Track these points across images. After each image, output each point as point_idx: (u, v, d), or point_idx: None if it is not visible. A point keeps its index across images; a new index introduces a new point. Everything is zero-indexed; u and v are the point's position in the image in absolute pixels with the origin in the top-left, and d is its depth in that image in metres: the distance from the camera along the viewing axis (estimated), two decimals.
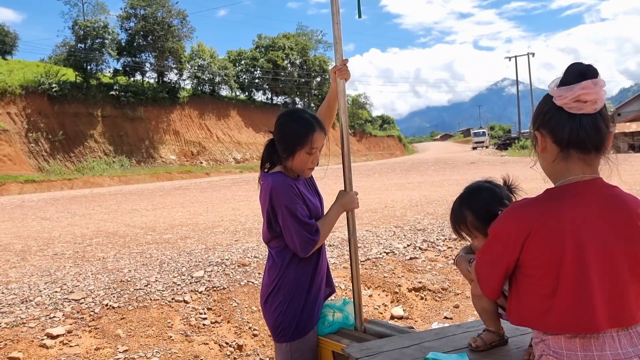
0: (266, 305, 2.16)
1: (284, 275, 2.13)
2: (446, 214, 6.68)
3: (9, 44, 35.93)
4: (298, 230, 2.04)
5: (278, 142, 2.13)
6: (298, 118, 2.15)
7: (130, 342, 3.83)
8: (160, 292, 4.59)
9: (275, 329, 2.12)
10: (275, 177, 2.09)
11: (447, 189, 11.46)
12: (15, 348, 3.68)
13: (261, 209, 2.15)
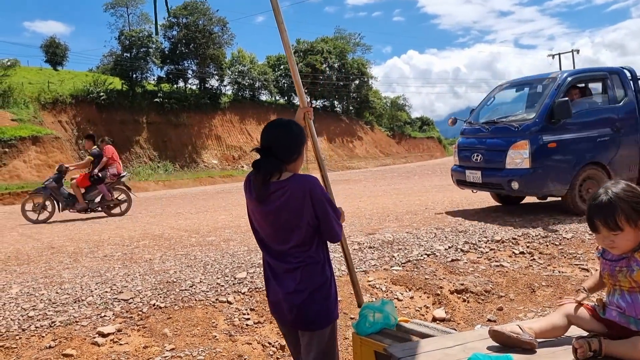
0: (316, 297, 2.24)
1: (329, 267, 2.33)
2: (486, 215, 6.53)
3: (59, 55, 37.49)
4: (337, 220, 2.29)
5: (286, 147, 2.28)
6: (290, 121, 2.39)
7: (177, 341, 3.94)
8: (205, 292, 4.69)
9: (324, 317, 2.26)
10: (305, 177, 2.27)
11: None
12: (69, 345, 3.84)
13: (291, 213, 2.22)
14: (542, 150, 7.05)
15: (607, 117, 7.49)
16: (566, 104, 6.96)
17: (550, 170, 7.09)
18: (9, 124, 24.15)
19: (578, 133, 7.25)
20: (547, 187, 7.13)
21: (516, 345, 1.70)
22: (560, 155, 7.15)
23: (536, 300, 4.90)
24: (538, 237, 6.43)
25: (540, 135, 7.09)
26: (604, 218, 1.66)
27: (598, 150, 7.35)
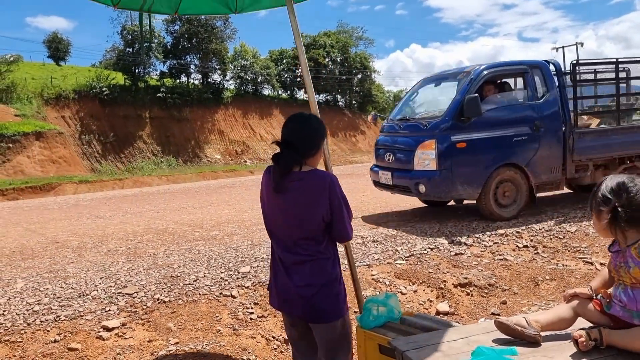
0: (326, 292, 2.28)
1: (338, 264, 2.36)
2: None
3: (62, 50, 37.50)
4: (349, 219, 2.34)
5: (306, 141, 2.32)
6: (311, 116, 2.42)
7: (181, 334, 3.96)
8: (209, 287, 4.71)
9: (333, 312, 2.30)
10: (325, 173, 2.33)
11: None
12: (74, 339, 3.86)
13: (308, 205, 2.26)
14: (450, 151, 6.54)
15: (525, 114, 6.95)
16: (475, 100, 6.46)
17: (460, 172, 6.58)
18: (12, 120, 24.22)
19: (491, 132, 6.72)
20: (456, 190, 6.62)
21: (520, 338, 1.70)
22: (471, 156, 6.63)
23: (540, 293, 4.90)
24: (542, 231, 6.42)
25: (448, 135, 6.56)
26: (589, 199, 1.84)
27: (514, 150, 6.82)
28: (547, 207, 7.77)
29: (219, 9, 3.40)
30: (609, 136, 7.58)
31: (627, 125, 7.80)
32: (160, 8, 3.02)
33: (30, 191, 19.44)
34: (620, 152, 7.64)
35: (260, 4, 3.64)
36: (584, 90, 8.00)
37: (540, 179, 7.03)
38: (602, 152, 7.48)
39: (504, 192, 6.87)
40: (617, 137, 7.55)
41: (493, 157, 6.71)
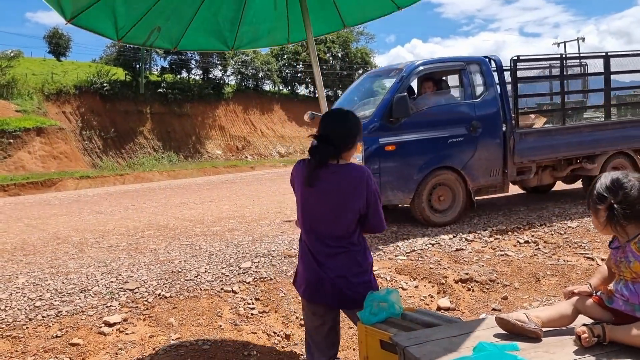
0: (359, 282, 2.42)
1: (370, 252, 2.51)
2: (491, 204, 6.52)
3: (63, 46, 37.43)
4: (382, 211, 2.48)
5: (344, 136, 2.41)
6: (349, 112, 2.53)
7: (182, 330, 3.96)
8: (210, 282, 4.71)
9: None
10: (361, 167, 2.47)
11: None
12: (75, 335, 3.87)
13: (344, 198, 2.37)
14: (378, 154, 6.09)
15: (461, 114, 6.52)
16: (404, 100, 6.06)
17: (389, 176, 6.14)
18: (13, 115, 24.21)
19: (424, 133, 6.30)
20: (386, 196, 6.17)
21: (521, 334, 1.70)
22: (402, 159, 6.19)
23: (541, 289, 4.90)
24: (543, 226, 6.42)
25: (376, 137, 6.11)
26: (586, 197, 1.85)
27: (449, 153, 6.40)
28: (547, 202, 7.76)
29: (217, 45, 3.55)
30: (554, 136, 7.19)
31: (573, 124, 7.43)
32: (162, 43, 3.19)
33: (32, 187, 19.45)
34: (566, 153, 7.26)
35: (256, 43, 3.80)
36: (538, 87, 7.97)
37: (478, 182, 6.66)
38: (545, 153, 7.10)
39: (439, 197, 6.49)
40: (562, 138, 7.18)
41: (426, 160, 6.29)
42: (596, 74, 7.95)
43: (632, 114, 8.05)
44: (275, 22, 3.62)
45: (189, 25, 3.15)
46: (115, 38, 2.84)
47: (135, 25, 2.86)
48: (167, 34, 3.12)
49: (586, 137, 7.30)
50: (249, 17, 3.38)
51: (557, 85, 7.83)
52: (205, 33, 3.36)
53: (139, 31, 2.92)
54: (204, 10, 3.11)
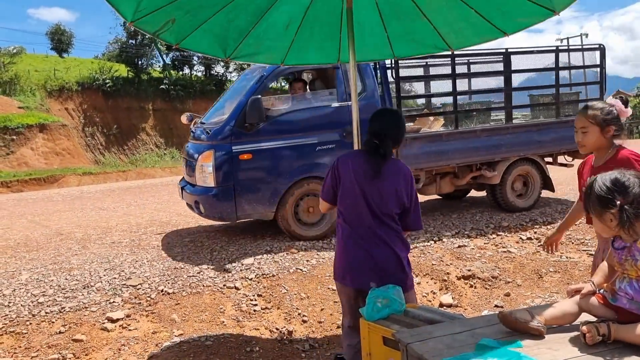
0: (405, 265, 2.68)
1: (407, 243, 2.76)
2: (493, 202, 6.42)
3: (65, 42, 37.38)
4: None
5: (398, 133, 2.71)
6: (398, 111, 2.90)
7: (185, 326, 3.98)
8: (212, 278, 4.72)
9: (410, 281, 2.72)
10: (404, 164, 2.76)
11: None
12: (78, 331, 3.89)
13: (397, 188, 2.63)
14: (231, 164, 5.48)
15: (333, 118, 5.79)
16: (257, 103, 5.45)
17: (246, 189, 5.53)
18: (16, 112, 24.24)
19: (288, 140, 5.66)
20: (243, 210, 5.56)
21: (524, 331, 1.69)
22: (261, 170, 5.59)
23: (543, 285, 4.89)
24: (545, 223, 6.42)
25: (229, 144, 5.49)
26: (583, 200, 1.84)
27: (318, 161, 5.70)
28: (550, 199, 7.75)
29: (216, 51, 3.55)
30: (445, 142, 6.44)
31: (467, 128, 6.75)
32: (167, 37, 3.17)
33: (34, 183, 19.50)
34: (460, 160, 6.57)
35: (253, 57, 3.85)
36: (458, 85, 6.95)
37: None
38: (435, 160, 6.41)
39: (309, 209, 5.82)
40: (455, 143, 6.46)
41: (290, 170, 5.64)
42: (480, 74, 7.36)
43: (545, 116, 7.38)
44: (279, 42, 3.65)
45: (201, 25, 3.13)
46: (129, 19, 2.72)
47: (156, 10, 2.77)
48: (177, 28, 3.07)
49: (484, 142, 6.61)
50: (258, 31, 3.40)
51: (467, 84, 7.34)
52: (211, 36, 3.34)
53: (155, 18, 2.84)
54: (222, 14, 3.10)
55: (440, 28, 3.47)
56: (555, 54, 7.12)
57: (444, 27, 3.48)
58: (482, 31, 3.41)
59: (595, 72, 7.30)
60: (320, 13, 3.39)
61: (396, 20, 3.49)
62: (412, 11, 3.33)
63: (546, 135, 6.97)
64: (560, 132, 6.95)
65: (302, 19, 3.42)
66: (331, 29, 3.60)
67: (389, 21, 3.50)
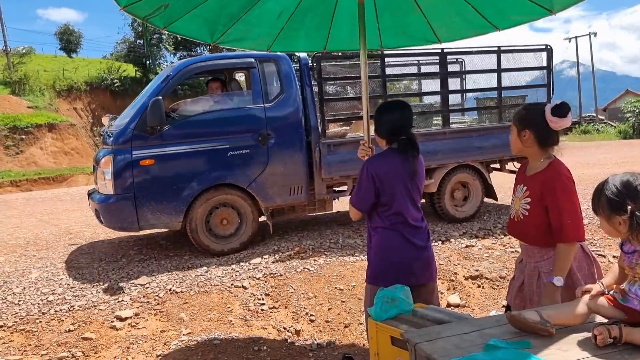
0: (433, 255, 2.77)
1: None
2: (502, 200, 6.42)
3: (73, 42, 37.61)
4: None
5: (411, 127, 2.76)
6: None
7: (193, 325, 3.99)
8: (220, 277, 4.74)
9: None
10: None
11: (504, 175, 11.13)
12: (88, 329, 3.92)
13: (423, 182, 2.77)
14: (131, 170, 5.09)
15: (246, 122, 5.44)
16: (158, 105, 5.06)
17: (148, 196, 5.14)
18: (25, 111, 24.41)
19: (195, 145, 5.27)
20: (146, 219, 5.18)
21: (533, 332, 1.69)
22: (164, 177, 5.19)
23: None
24: None
25: (129, 149, 5.11)
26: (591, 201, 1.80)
27: (230, 168, 5.36)
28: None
29: (203, 35, 3.52)
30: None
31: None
32: (156, 21, 3.11)
33: (43, 182, 19.61)
34: None
35: (240, 43, 3.81)
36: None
37: (273, 202, 5.60)
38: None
39: (222, 220, 5.48)
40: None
41: (198, 178, 5.26)
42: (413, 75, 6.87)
43: (491, 120, 6.85)
44: (269, 29, 3.61)
45: (192, 9, 3.08)
46: (122, 4, 2.67)
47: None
48: (167, 13, 3.01)
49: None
50: (250, 17, 3.36)
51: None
52: (200, 21, 3.29)
53: (148, 3, 2.79)
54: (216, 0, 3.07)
55: (433, 21, 3.46)
56: (497, 54, 6.53)
57: (437, 21, 3.47)
58: (474, 25, 3.40)
59: (543, 74, 6.78)
60: (314, 2, 3.37)
61: (389, 12, 3.46)
62: (408, 4, 3.31)
63: (487, 141, 6.43)
64: (504, 138, 6.28)
65: (295, 8, 3.38)
66: (322, 19, 3.57)
67: (382, 13, 3.47)
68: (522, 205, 2.36)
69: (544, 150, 2.33)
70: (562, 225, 2.20)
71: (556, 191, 2.24)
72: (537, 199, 2.29)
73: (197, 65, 5.56)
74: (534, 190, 2.30)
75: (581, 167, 12.11)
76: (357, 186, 2.70)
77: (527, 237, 2.39)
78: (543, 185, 2.27)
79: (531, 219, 2.31)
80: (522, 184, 2.40)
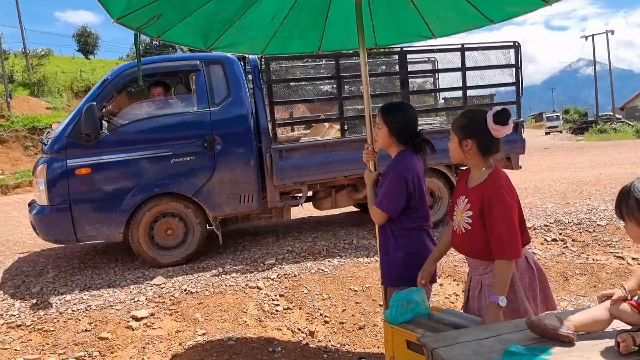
0: None
1: None
2: None
3: (91, 44, 38.08)
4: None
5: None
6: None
7: (208, 325, 4.01)
8: (235, 278, 4.75)
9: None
10: None
11: (518, 175, 11.02)
12: (104, 329, 3.95)
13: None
14: (65, 179, 4.87)
15: (190, 127, 5.20)
16: (91, 111, 4.82)
17: (85, 208, 4.94)
18: (43, 112, 24.76)
19: (133, 152, 5.03)
20: (83, 231, 4.96)
21: (554, 338, 1.65)
22: (102, 186, 4.97)
23: (569, 288, 4.80)
24: (571, 224, 6.28)
25: (64, 157, 4.89)
26: (615, 205, 1.69)
27: (174, 176, 5.10)
28: (575, 199, 7.60)
29: (196, 42, 3.49)
30: (330, 152, 5.60)
31: (355, 137, 5.77)
32: (149, 31, 3.09)
33: None
34: (349, 172, 5.62)
35: (234, 47, 3.80)
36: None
37: (222, 211, 5.34)
38: (319, 172, 5.60)
39: (167, 231, 5.24)
40: (342, 153, 5.58)
41: (138, 187, 5.03)
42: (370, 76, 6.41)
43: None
44: (263, 32, 3.59)
45: (186, 17, 3.06)
46: (115, 16, 2.66)
47: (143, 7, 2.71)
48: (161, 22, 3.00)
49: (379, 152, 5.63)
50: (244, 21, 3.34)
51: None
52: (193, 28, 3.28)
53: (142, 14, 2.77)
54: (210, 6, 3.02)
55: (427, 16, 3.43)
56: (461, 52, 6.17)
57: (431, 15, 3.43)
58: (469, 19, 3.35)
59: (511, 72, 6.46)
60: (307, 3, 3.34)
61: (384, 9, 3.43)
62: (402, 1, 3.29)
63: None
64: None
65: (289, 9, 3.35)
66: (316, 19, 3.54)
67: (377, 11, 3.44)
68: (464, 218, 2.29)
69: (486, 159, 2.26)
70: (499, 242, 2.15)
71: (493, 206, 2.17)
72: (478, 213, 2.23)
73: (135, 69, 5.21)
74: (474, 204, 2.24)
75: (599, 167, 11.94)
76: (386, 190, 2.63)
77: (471, 250, 2.34)
78: (482, 199, 2.21)
79: (473, 232, 2.25)
80: (463, 196, 2.33)
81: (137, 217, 5.09)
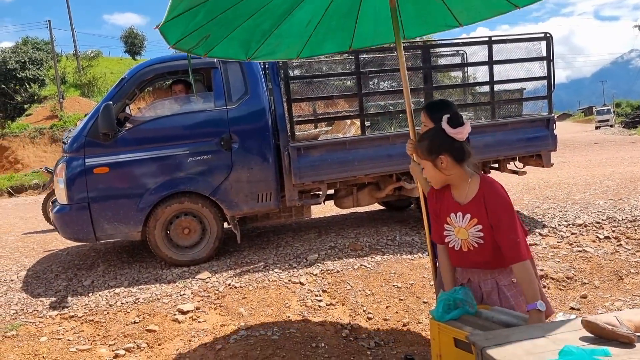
0: None
1: None
2: (567, 198, 6.18)
3: (137, 45, 39.14)
4: None
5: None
6: None
7: (252, 320, 4.05)
8: (278, 273, 4.78)
9: None
10: None
11: (568, 171, 10.64)
12: (152, 321, 4.05)
13: None
14: (84, 178, 4.91)
15: (208, 125, 5.15)
16: (108, 110, 4.84)
17: (104, 206, 4.96)
18: None
19: (151, 151, 5.02)
20: (103, 230, 4.99)
21: (612, 338, 1.58)
22: (120, 185, 5.00)
23: (624, 288, 4.59)
24: (625, 221, 6.00)
25: (82, 156, 4.92)
26: None
27: (191, 174, 5.09)
28: (630, 195, 7.27)
29: (239, 54, 3.55)
30: (350, 150, 5.47)
31: (376, 135, 5.64)
32: (199, 51, 3.17)
33: None
34: (369, 171, 5.55)
35: (271, 56, 3.84)
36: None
37: (240, 210, 5.29)
38: (338, 171, 5.46)
39: (184, 229, 5.23)
40: (362, 151, 5.50)
41: (155, 185, 5.03)
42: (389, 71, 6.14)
43: (484, 117, 6.22)
44: (298, 38, 3.61)
45: (229, 34, 3.15)
46: (171, 43, 2.79)
47: (195, 30, 2.83)
48: (208, 41, 3.11)
49: (398, 150, 5.23)
50: (282, 29, 3.38)
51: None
52: (236, 42, 3.34)
53: (193, 38, 2.90)
54: (251, 21, 3.11)
55: (453, 6, 3.37)
56: (488, 45, 5.93)
57: (457, 5, 3.38)
58: (494, 4, 3.26)
59: (542, 65, 6.16)
60: (339, 6, 3.37)
61: (412, 4, 3.42)
62: None
63: (478, 140, 5.34)
64: (498, 136, 5.89)
65: (323, 14, 3.39)
66: (347, 20, 3.55)
67: (404, 5, 3.43)
68: (472, 234, 2.22)
69: (463, 167, 2.21)
70: (515, 247, 2.11)
71: (500, 212, 2.14)
72: (487, 224, 2.17)
73: (154, 67, 5.27)
74: (480, 216, 2.18)
75: None
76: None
77: (486, 264, 2.28)
78: (487, 209, 2.16)
79: (487, 244, 2.20)
80: (459, 212, 2.24)
81: (154, 216, 5.10)
